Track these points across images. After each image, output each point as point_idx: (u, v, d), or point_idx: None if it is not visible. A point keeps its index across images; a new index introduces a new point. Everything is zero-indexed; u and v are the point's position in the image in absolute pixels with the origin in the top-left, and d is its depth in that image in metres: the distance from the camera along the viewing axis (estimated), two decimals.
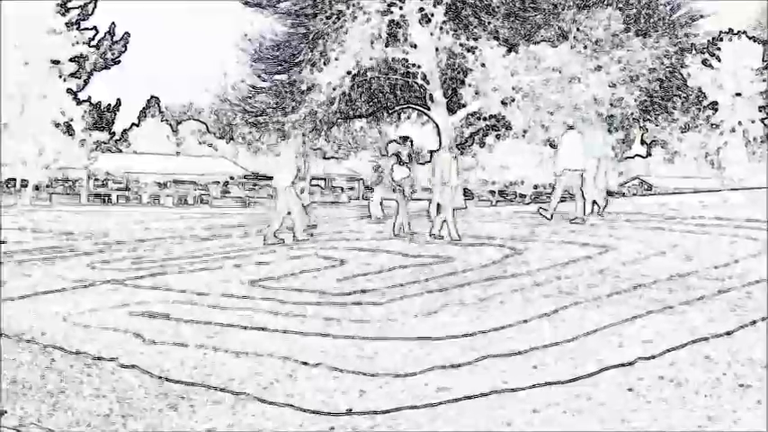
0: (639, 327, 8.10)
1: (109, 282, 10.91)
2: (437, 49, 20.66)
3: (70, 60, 23.43)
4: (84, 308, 9.36)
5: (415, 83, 21.34)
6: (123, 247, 14.50)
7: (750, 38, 24.64)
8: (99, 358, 7.40)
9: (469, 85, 20.83)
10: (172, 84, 24.98)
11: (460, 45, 20.62)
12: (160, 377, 6.92)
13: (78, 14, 23.17)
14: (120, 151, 28.69)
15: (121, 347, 7.72)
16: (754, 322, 8.10)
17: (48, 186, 26.04)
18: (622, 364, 6.98)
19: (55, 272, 11.77)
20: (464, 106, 21.54)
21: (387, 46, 20.64)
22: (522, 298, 9.46)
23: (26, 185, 24.82)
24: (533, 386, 6.57)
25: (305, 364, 7.19)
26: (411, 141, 15.79)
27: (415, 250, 13.09)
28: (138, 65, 23.62)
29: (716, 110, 25.32)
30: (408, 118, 23.79)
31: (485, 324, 8.32)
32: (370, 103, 22.38)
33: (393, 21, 20.58)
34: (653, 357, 7.13)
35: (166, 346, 7.74)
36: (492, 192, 27.02)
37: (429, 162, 20.57)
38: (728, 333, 7.77)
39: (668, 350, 7.29)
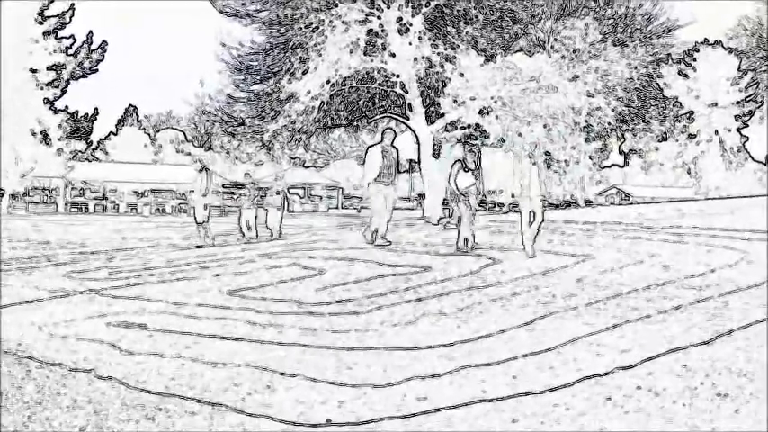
0: (617, 336, 8.13)
1: (85, 292, 10.82)
2: (415, 59, 20.71)
3: (47, 69, 23.25)
4: (61, 318, 9.27)
5: (394, 92, 21.38)
6: (100, 256, 14.38)
7: (726, 48, 24.86)
8: (75, 369, 7.33)
9: (448, 95, 20.88)
10: (150, 92, 24.86)
11: (438, 54, 20.70)
12: (137, 388, 6.86)
13: (56, 23, 23.02)
14: (98, 160, 28.43)
15: (98, 358, 7.65)
16: (731, 332, 8.15)
17: (24, 195, 25.79)
18: (601, 374, 7.00)
19: (32, 282, 11.65)
20: (442, 115, 21.58)
21: (366, 55, 20.68)
22: (500, 307, 9.47)
23: (2, 194, 24.57)
24: (512, 396, 6.57)
25: (283, 374, 7.15)
26: (478, 147, 14.94)
27: (393, 260, 13.07)
28: (116, 73, 23.49)
29: (692, 119, 25.52)
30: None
31: (464, 334, 8.32)
32: (349, 113, 22.39)
33: (371, 30, 20.63)
34: (631, 367, 7.15)
35: (143, 357, 7.68)
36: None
37: (408, 171, 20.48)
38: (706, 342, 7.81)
39: (646, 359, 7.32)
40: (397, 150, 15.06)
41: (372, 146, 15.08)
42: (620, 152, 26.91)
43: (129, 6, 21.74)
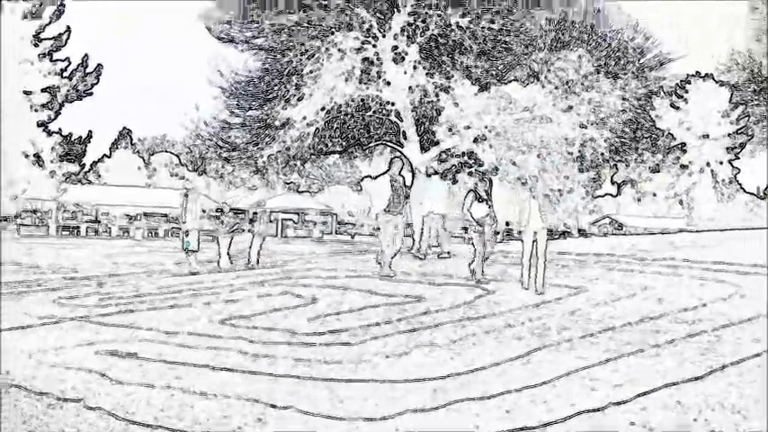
0: (611, 370, 8.10)
1: (75, 319, 10.72)
2: (410, 88, 20.80)
3: (42, 91, 23.27)
4: (50, 346, 9.18)
5: (389, 120, 21.44)
6: (91, 282, 14.29)
7: (717, 81, 25.06)
8: (63, 399, 7.24)
9: (443, 123, 20.94)
10: (145, 115, 24.86)
11: (433, 84, 20.80)
12: (126, 419, 6.78)
13: (51, 45, 23.07)
14: (91, 183, 28.36)
15: (87, 388, 7.56)
16: (723, 367, 8.12)
17: (16, 217, 25.67)
18: (594, 410, 6.96)
19: (21, 307, 11.55)
20: (437, 143, 21.64)
21: (361, 83, 20.76)
22: (494, 340, 9.42)
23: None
24: (506, 431, 6.53)
25: (274, 406, 7.08)
26: (489, 179, 14.62)
27: (387, 289, 13.00)
28: (110, 96, 23.50)
29: (684, 151, 25.66)
30: (381, 155, 23.85)
31: (457, 366, 8.27)
32: (344, 140, 22.44)
33: (367, 58, 20.73)
34: (624, 402, 7.11)
35: (133, 387, 7.60)
36: (465, 228, 27.04)
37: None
38: (699, 378, 7.78)
39: (639, 395, 7.28)
40: (404, 179, 15.04)
41: (379, 175, 15.00)
42: (613, 182, 26.99)
43: (125, 25, 21.82)
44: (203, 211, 17.94)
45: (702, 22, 20.78)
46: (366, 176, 17.10)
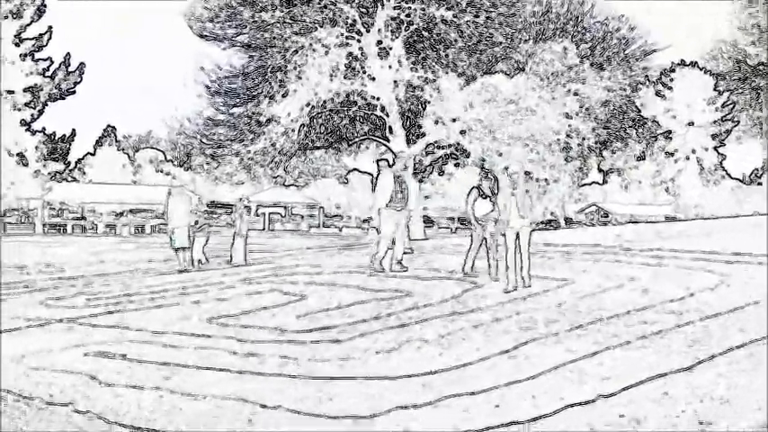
0: (598, 363, 8.12)
1: (63, 320, 10.67)
2: (396, 82, 20.81)
3: (24, 90, 23.11)
4: (38, 349, 9.13)
5: (374, 115, 21.44)
6: (78, 282, 14.22)
7: (701, 69, 25.19)
8: (52, 403, 7.21)
9: (429, 116, 20.94)
10: (129, 113, 24.74)
11: (418, 78, 20.80)
12: (115, 422, 6.76)
13: (33, 45, 22.90)
14: (76, 181, 28.20)
15: (76, 391, 7.53)
16: (712, 357, 8.16)
17: (2, 216, 25.53)
18: (583, 403, 6.98)
19: (7, 309, 11.49)
20: (423, 136, 21.65)
21: (345, 78, 20.73)
22: (482, 334, 9.44)
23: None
24: (496, 426, 6.54)
25: (264, 406, 7.07)
26: (494, 176, 14.29)
27: (375, 285, 13.01)
28: (94, 93, 23.36)
29: (670, 138, 25.78)
30: (367, 149, 23.85)
31: (446, 362, 8.29)
32: (330, 135, 22.43)
33: (351, 54, 20.70)
34: (612, 395, 7.14)
35: (122, 389, 7.57)
36: (452, 219, 27.09)
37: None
38: (687, 369, 7.81)
39: (627, 387, 7.31)
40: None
41: (381, 171, 14.74)
42: (600, 170, 27.08)
43: (108, 24, 21.69)
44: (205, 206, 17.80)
45: (689, 13, 20.85)
46: (353, 169, 17.02)
